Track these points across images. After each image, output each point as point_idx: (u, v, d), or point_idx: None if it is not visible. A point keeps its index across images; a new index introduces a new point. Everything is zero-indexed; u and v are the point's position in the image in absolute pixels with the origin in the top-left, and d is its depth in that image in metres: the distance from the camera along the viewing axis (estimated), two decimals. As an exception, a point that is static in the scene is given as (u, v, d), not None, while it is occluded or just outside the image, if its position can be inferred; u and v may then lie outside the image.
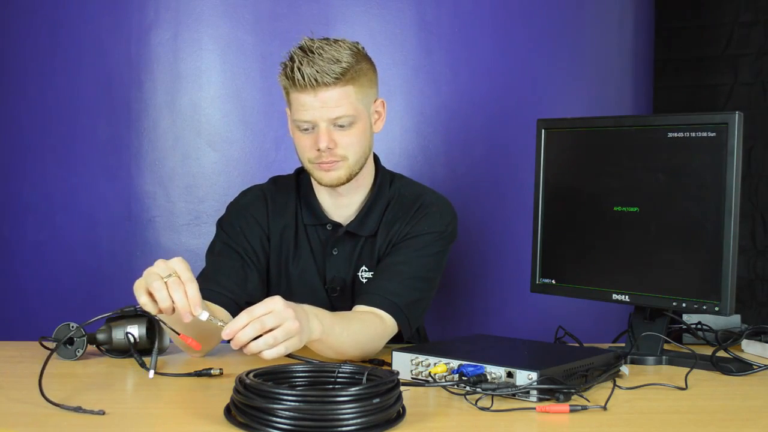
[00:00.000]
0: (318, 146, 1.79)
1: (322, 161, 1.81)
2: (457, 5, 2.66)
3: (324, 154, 1.80)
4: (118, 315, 1.73)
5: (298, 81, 1.76)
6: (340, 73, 1.76)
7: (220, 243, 1.92)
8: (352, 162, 1.84)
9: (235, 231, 1.92)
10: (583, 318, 2.53)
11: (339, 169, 1.83)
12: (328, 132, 1.79)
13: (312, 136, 1.81)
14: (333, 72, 1.75)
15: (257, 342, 1.44)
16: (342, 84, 1.77)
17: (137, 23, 2.58)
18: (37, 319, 2.61)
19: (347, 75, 1.77)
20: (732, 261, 1.70)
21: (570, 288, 1.92)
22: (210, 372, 1.58)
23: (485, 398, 1.42)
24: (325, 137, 1.79)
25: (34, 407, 1.34)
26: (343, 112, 1.78)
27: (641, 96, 3.13)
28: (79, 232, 2.61)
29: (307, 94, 1.77)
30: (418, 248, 1.87)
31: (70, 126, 2.61)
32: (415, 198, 1.94)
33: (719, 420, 1.39)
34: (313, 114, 1.78)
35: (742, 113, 1.71)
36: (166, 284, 1.46)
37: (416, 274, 1.84)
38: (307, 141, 1.82)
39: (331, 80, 1.76)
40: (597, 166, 1.88)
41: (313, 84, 1.75)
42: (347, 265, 1.92)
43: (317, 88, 1.76)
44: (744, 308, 3.71)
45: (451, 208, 1.97)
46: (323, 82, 1.75)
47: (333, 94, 1.77)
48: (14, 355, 1.78)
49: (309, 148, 1.82)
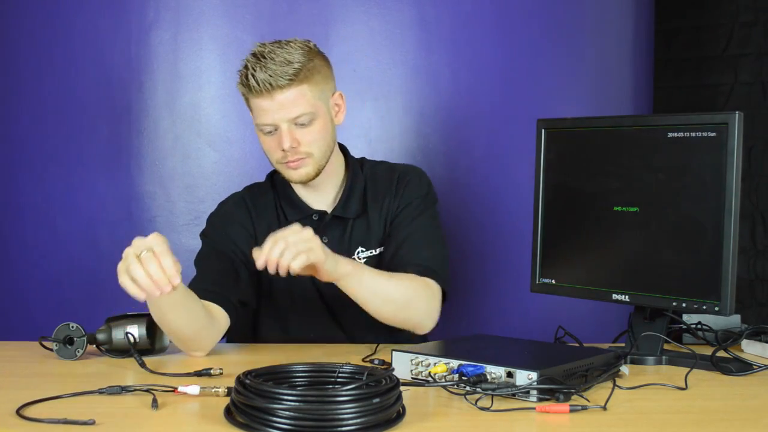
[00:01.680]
0: (282, 147, 1.84)
1: (288, 160, 1.86)
2: (457, 5, 2.66)
3: (289, 154, 1.85)
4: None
5: (253, 87, 1.81)
6: (293, 74, 1.80)
7: (207, 249, 1.95)
8: (318, 157, 1.88)
9: (220, 235, 1.94)
10: (583, 318, 2.52)
11: (306, 166, 1.88)
12: (290, 132, 1.84)
13: (275, 137, 1.86)
14: (286, 74, 1.80)
15: (284, 258, 1.60)
16: (296, 84, 1.81)
17: (137, 23, 2.58)
18: (36, 319, 2.61)
19: (300, 75, 1.81)
20: (732, 261, 1.70)
21: (570, 288, 1.92)
22: (210, 372, 1.58)
23: (485, 398, 1.41)
24: (287, 137, 1.83)
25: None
26: (301, 111, 1.83)
27: (641, 96, 3.13)
28: (79, 232, 2.61)
29: (264, 99, 1.82)
30: (414, 216, 1.96)
31: (70, 126, 2.61)
32: (389, 173, 2.02)
33: (719, 420, 1.39)
34: (272, 117, 1.83)
35: (742, 113, 1.71)
36: (141, 261, 1.49)
37: (426, 237, 1.94)
38: (272, 143, 1.87)
39: (285, 82, 1.80)
40: (597, 166, 1.88)
41: (268, 88, 1.80)
42: (340, 250, 1.93)
43: (273, 92, 1.80)
44: (744, 308, 3.71)
45: (423, 171, 2.06)
46: (277, 85, 1.80)
47: (289, 96, 1.81)
48: (14, 355, 1.78)
49: (274, 150, 1.87)
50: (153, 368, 1.62)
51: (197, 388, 1.44)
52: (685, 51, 3.96)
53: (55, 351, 1.73)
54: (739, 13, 3.84)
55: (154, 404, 1.36)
